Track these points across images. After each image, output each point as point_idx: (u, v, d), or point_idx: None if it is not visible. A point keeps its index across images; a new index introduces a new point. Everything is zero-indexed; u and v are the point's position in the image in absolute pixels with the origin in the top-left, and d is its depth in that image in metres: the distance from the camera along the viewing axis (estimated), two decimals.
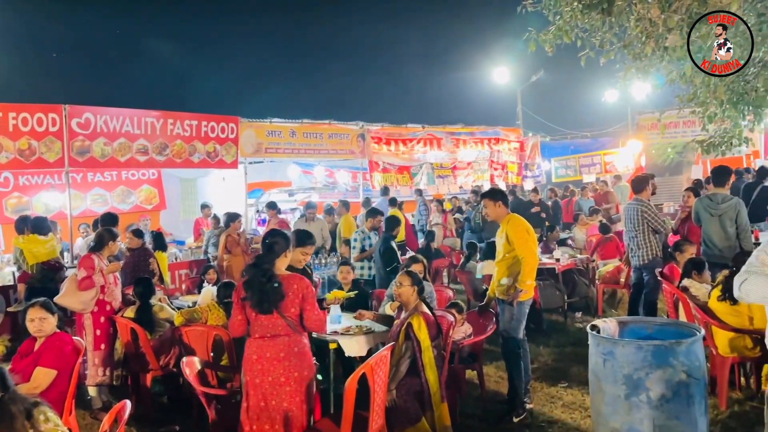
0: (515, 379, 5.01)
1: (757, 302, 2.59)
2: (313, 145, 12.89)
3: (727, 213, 6.27)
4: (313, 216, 10.29)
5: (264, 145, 12.08)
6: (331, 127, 13.32)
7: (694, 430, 3.36)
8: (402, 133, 14.79)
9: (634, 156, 16.38)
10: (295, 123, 12.69)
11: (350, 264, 6.65)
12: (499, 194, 5.23)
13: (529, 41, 6.57)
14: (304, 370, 3.73)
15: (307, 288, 3.73)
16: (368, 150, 13.75)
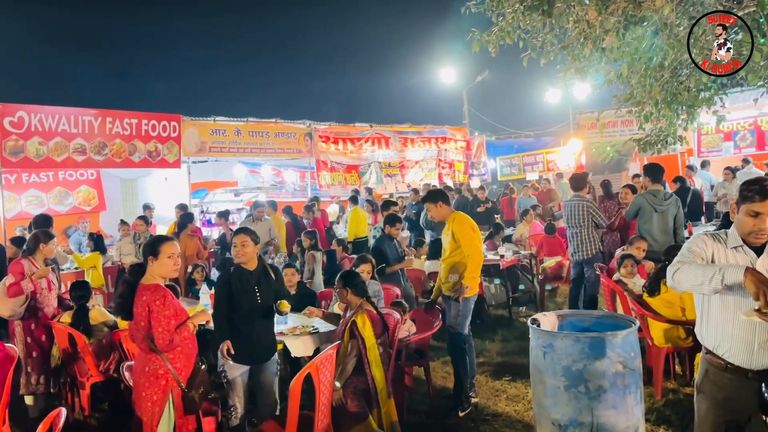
0: (461, 374, 5.07)
1: (688, 291, 2.69)
2: (259, 144, 12.72)
3: (670, 209, 6.53)
4: (261, 216, 10.16)
5: (208, 144, 11.85)
6: (278, 125, 13.18)
7: (630, 419, 3.47)
8: (350, 132, 14.78)
9: (575, 154, 16.86)
10: (240, 121, 12.49)
11: (294, 266, 6.55)
12: (438, 195, 5.28)
13: (473, 42, 6.65)
14: (154, 394, 3.42)
15: (154, 301, 3.41)
16: (316, 149, 13.68)
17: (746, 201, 2.59)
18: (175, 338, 3.45)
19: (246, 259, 4.19)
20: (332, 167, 14.12)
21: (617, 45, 5.75)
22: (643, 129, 8.26)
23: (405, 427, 4.56)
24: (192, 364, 3.59)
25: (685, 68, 6.83)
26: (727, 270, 2.45)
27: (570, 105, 17.32)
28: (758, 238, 2.60)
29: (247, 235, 4.22)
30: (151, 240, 3.75)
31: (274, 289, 4.28)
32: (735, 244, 2.67)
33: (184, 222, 8.79)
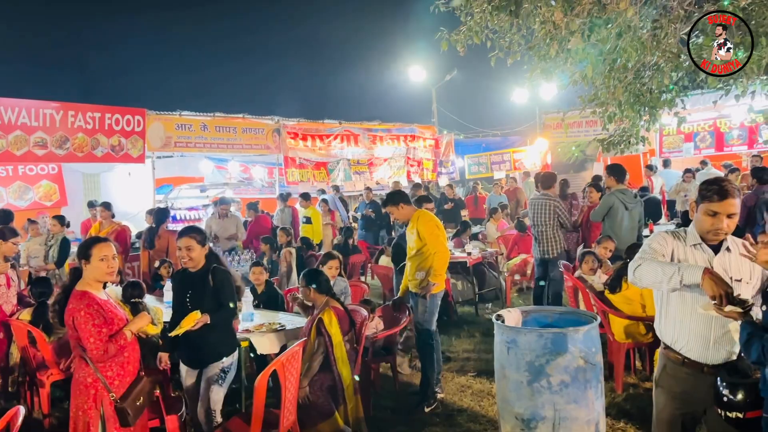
0: (427, 370, 5.11)
1: (648, 287, 2.76)
2: (226, 140, 12.58)
3: (637, 208, 6.69)
4: (227, 212, 10.04)
5: (173, 139, 11.66)
6: (245, 121, 13.05)
7: (591, 413, 3.55)
8: (319, 129, 14.72)
9: (541, 154, 17.11)
10: (206, 116, 12.32)
11: (263, 264, 6.46)
12: (397, 197, 5.30)
13: (442, 41, 6.69)
14: (84, 404, 3.25)
15: (78, 311, 3.19)
16: (284, 145, 13.59)
17: (705, 200, 2.67)
18: (110, 348, 3.21)
19: (193, 264, 3.93)
20: (301, 164, 14.04)
21: (582, 46, 5.86)
22: (607, 129, 8.42)
23: (371, 423, 4.58)
24: (130, 373, 3.40)
25: (648, 70, 6.99)
26: (686, 270, 2.52)
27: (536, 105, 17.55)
28: (716, 237, 2.69)
29: (192, 237, 3.89)
30: (83, 242, 3.50)
31: (210, 294, 3.87)
32: (694, 242, 2.75)
33: (162, 218, 8.61)
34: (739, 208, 2.68)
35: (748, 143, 13.73)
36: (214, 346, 3.92)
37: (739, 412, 2.45)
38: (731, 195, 2.62)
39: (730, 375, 2.51)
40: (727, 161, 13.28)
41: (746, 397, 2.43)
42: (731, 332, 2.65)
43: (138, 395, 3.35)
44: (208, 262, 3.97)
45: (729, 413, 2.49)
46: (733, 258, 2.71)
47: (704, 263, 2.69)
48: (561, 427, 3.47)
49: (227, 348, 3.98)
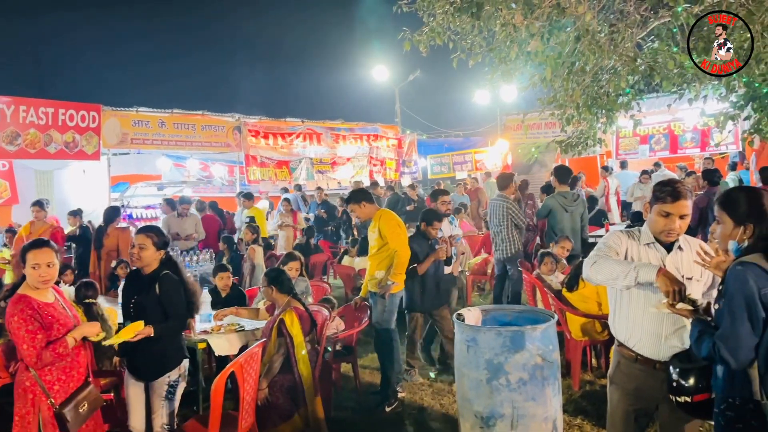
0: (387, 369, 5.11)
1: (603, 284, 2.82)
2: (184, 137, 12.34)
3: (577, 209, 6.81)
4: (186, 211, 9.84)
5: (130, 136, 11.40)
6: (205, 118, 12.83)
7: (549, 410, 3.60)
8: (281, 127, 14.58)
9: (502, 155, 17.34)
10: (164, 113, 12.08)
11: (227, 268, 6.28)
12: (360, 195, 5.32)
13: (404, 41, 6.71)
14: (22, 408, 3.15)
15: (12, 316, 3.08)
16: (245, 143, 13.41)
17: (658, 201, 2.74)
18: (45, 355, 3.09)
19: (141, 264, 3.67)
20: (262, 162, 13.88)
21: (541, 49, 5.94)
22: (565, 131, 8.58)
23: (332, 423, 4.55)
24: (74, 378, 3.28)
25: (605, 73, 7.15)
26: (641, 269, 2.59)
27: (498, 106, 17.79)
28: (669, 237, 2.76)
29: (148, 237, 3.64)
30: (23, 246, 3.32)
31: (155, 303, 3.61)
32: (647, 241, 2.82)
33: (112, 216, 8.37)
34: (691, 209, 2.76)
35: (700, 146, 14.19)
36: (159, 360, 3.62)
37: (687, 396, 2.52)
38: (684, 197, 2.69)
39: (681, 362, 2.58)
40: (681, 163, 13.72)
41: (696, 382, 2.50)
42: (681, 330, 2.73)
43: (81, 402, 3.23)
44: (161, 267, 3.70)
45: (678, 398, 2.56)
46: (685, 257, 2.79)
47: (657, 261, 2.76)
48: (519, 425, 3.51)
49: (173, 361, 3.68)
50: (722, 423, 2.34)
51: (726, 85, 7.88)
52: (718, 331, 2.29)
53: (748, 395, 2.26)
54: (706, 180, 8.56)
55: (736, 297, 2.22)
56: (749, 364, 2.23)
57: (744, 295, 2.20)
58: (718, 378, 2.38)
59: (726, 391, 2.33)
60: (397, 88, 21.83)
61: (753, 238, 2.33)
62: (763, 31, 5.21)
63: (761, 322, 2.19)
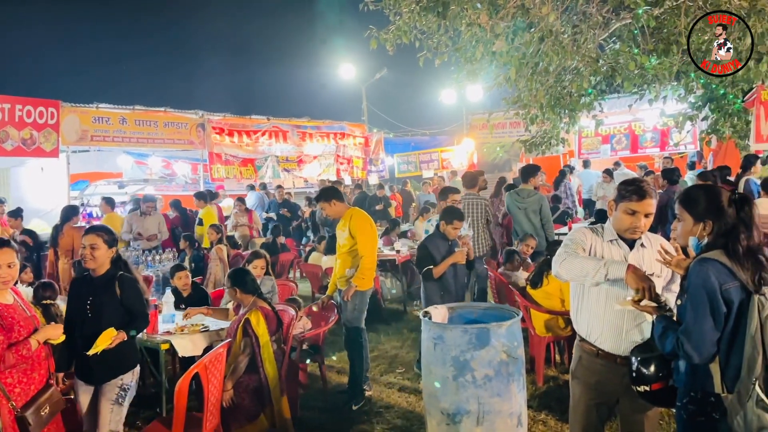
0: (356, 367, 5.11)
1: (572, 280, 2.87)
2: (146, 134, 12.07)
3: (531, 206, 6.91)
4: (150, 210, 9.63)
5: (90, 133, 11.11)
6: (167, 115, 12.57)
7: (514, 405, 3.64)
8: (246, 125, 14.40)
9: (468, 154, 17.48)
10: (125, 109, 11.80)
11: (184, 267, 6.17)
12: (330, 193, 5.27)
13: (371, 39, 6.70)
14: None
15: None
16: (209, 141, 13.20)
17: (624, 200, 2.79)
18: (8, 357, 3.01)
19: (95, 264, 3.53)
20: (227, 160, 13.68)
21: (506, 49, 6.01)
22: (529, 131, 8.71)
23: (299, 423, 4.53)
24: (35, 381, 3.20)
25: (568, 74, 7.27)
26: (611, 266, 2.64)
27: (464, 105, 17.93)
28: (633, 234, 2.83)
29: (98, 236, 3.53)
30: None
31: (116, 305, 3.53)
32: (610, 237, 2.88)
33: (69, 215, 8.14)
34: (655, 208, 2.83)
35: (660, 146, 14.54)
36: (113, 362, 3.49)
37: (646, 385, 2.59)
38: (649, 195, 2.76)
39: (641, 352, 2.64)
40: (642, 162, 14.05)
41: (656, 371, 2.56)
42: (641, 325, 2.80)
43: (43, 404, 3.15)
44: (113, 268, 3.59)
45: (639, 388, 2.62)
46: (647, 254, 2.86)
47: (620, 258, 2.83)
48: (485, 421, 3.55)
49: (127, 364, 3.57)
50: (684, 417, 2.40)
51: (685, 86, 8.11)
52: (681, 326, 2.34)
53: (709, 389, 2.31)
54: (665, 179, 8.78)
55: (698, 293, 2.28)
56: (711, 359, 2.29)
57: (706, 291, 2.26)
58: (680, 372, 2.43)
59: (688, 385, 2.39)
60: (363, 87, 21.84)
61: (712, 234, 2.39)
62: None
63: (723, 317, 2.25)
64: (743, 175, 8.28)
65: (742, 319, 2.23)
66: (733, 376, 2.23)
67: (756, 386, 2.15)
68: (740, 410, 2.19)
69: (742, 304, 2.24)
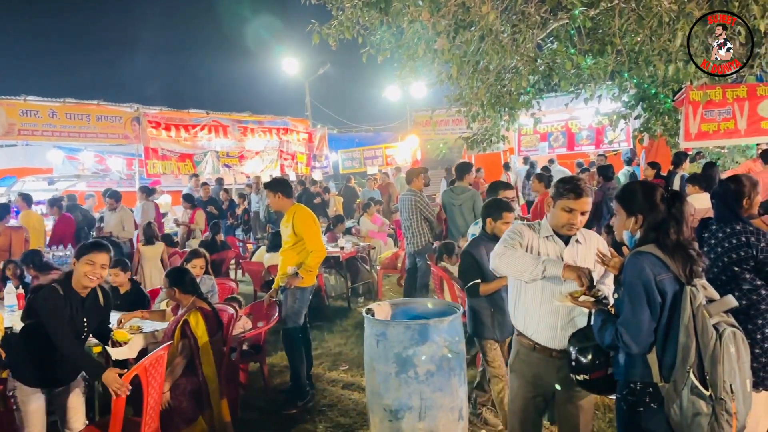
0: (297, 366, 5.04)
1: (509, 275, 2.93)
2: (78, 128, 11.55)
3: (465, 203, 7.03)
4: (115, 206, 9.24)
5: (17, 126, 10.56)
6: (100, 108, 12.07)
7: (455, 399, 3.68)
8: (184, 119, 14.00)
9: (412, 150, 17.60)
10: (56, 102, 11.27)
11: (123, 263, 5.91)
12: (279, 185, 5.19)
13: (313, 33, 6.62)
14: None
15: None
16: (145, 135, 12.75)
17: (562, 198, 2.86)
18: None
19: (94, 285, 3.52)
20: (164, 155, 13.25)
21: (447, 47, 6.05)
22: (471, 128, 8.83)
23: (240, 424, 4.45)
24: None
25: (508, 73, 7.40)
26: (548, 264, 2.72)
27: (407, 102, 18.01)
28: (569, 231, 2.90)
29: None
30: None
31: (103, 314, 3.73)
32: (547, 233, 2.95)
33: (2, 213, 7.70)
34: (591, 206, 2.91)
35: (595, 143, 15.02)
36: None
37: (585, 374, 2.65)
38: (586, 194, 2.84)
39: (579, 341, 2.71)
40: (579, 159, 14.49)
41: (593, 359, 2.63)
42: (575, 319, 2.88)
43: None
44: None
45: (578, 376, 2.69)
46: (581, 249, 2.94)
47: (556, 253, 2.90)
48: (427, 416, 3.57)
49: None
50: (624, 408, 2.47)
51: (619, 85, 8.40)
52: (619, 318, 2.41)
53: (647, 379, 2.39)
54: (600, 175, 9.09)
55: (634, 285, 2.36)
56: (649, 349, 2.37)
57: (642, 282, 2.33)
58: (620, 365, 2.50)
59: (627, 377, 2.46)
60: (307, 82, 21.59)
61: (643, 228, 2.48)
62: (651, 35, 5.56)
63: (658, 307, 2.33)
64: (676, 171, 8.67)
65: (675, 309, 2.31)
66: (669, 366, 2.31)
67: (690, 374, 2.23)
68: (676, 398, 2.27)
69: (676, 295, 2.32)
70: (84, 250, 3.45)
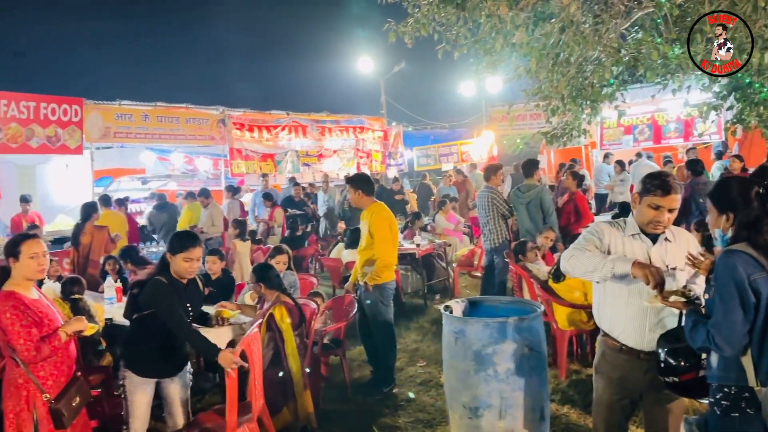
0: (388, 356, 5.17)
1: (580, 277, 2.86)
2: (168, 130, 12.19)
3: (533, 201, 6.86)
4: (206, 202, 9.85)
5: (113, 130, 11.25)
6: (189, 111, 12.68)
7: (536, 399, 3.63)
8: (266, 120, 14.47)
9: (488, 146, 17.38)
10: (148, 106, 11.93)
11: (221, 252, 6.26)
12: (359, 182, 5.26)
13: (389, 32, 6.68)
14: (16, 406, 3.15)
15: (1, 315, 3.07)
16: (230, 136, 13.28)
17: (649, 194, 2.75)
18: (44, 349, 3.11)
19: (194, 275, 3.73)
20: (247, 155, 13.76)
21: (526, 40, 5.95)
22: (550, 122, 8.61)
23: (321, 415, 4.57)
24: (64, 373, 3.28)
25: (590, 64, 7.17)
26: (617, 262, 2.63)
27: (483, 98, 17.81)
28: (656, 229, 2.79)
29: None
30: (11, 239, 3.33)
31: (202, 300, 3.97)
32: (633, 231, 2.85)
33: (89, 213, 8.25)
34: (680, 203, 2.78)
35: (684, 136, 14.31)
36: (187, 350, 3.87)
37: (675, 376, 2.56)
38: (674, 191, 2.71)
39: (668, 342, 2.61)
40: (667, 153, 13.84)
41: (684, 362, 2.53)
42: (665, 320, 2.77)
43: (74, 396, 3.23)
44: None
45: (667, 378, 2.59)
46: (671, 248, 2.82)
47: (642, 252, 2.80)
48: (507, 415, 3.54)
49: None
50: (718, 413, 2.36)
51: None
52: (711, 319, 2.31)
53: (743, 383, 2.28)
54: (689, 170, 8.65)
55: (726, 285, 2.25)
56: (743, 351, 2.26)
57: (734, 282, 2.23)
58: (712, 368, 2.39)
59: (721, 381, 2.35)
60: (382, 80, 21.75)
61: (735, 226, 2.36)
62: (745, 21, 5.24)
63: (752, 308, 2.22)
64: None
65: None
66: (767, 369, 2.20)
67: None
68: None
69: None
70: (179, 246, 3.54)
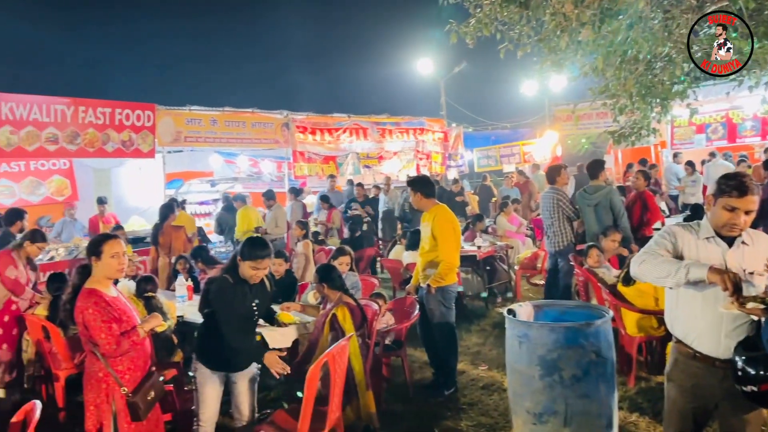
0: (450, 359, 5.18)
1: (650, 282, 2.76)
2: (235, 134, 12.60)
3: (601, 202, 6.64)
4: (271, 204, 10.15)
5: (183, 134, 11.71)
6: (254, 115, 13.06)
7: (604, 406, 3.54)
8: (327, 123, 14.70)
9: (551, 146, 17.02)
10: (216, 111, 12.35)
11: (285, 254, 6.46)
12: (419, 184, 5.25)
13: (451, 33, 6.66)
14: (96, 398, 3.30)
15: (84, 311, 3.22)
16: (293, 139, 13.58)
17: (724, 195, 2.64)
18: (123, 343, 3.25)
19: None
20: (309, 158, 14.03)
21: (593, 38, 5.81)
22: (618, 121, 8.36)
23: (383, 416, 4.59)
24: (141, 368, 3.41)
25: (659, 61, 6.93)
26: (691, 267, 2.52)
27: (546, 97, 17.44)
28: (731, 231, 2.67)
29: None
30: (93, 239, 3.50)
31: (270, 298, 4.03)
32: (707, 234, 2.73)
33: (166, 213, 8.63)
34: (758, 205, 2.65)
35: (761, 134, 13.58)
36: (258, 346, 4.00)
37: (753, 385, 2.44)
38: (751, 192, 2.59)
39: (746, 350, 2.50)
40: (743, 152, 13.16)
41: (763, 371, 2.41)
42: (742, 327, 2.64)
43: (149, 389, 3.38)
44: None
45: (744, 387, 2.48)
46: (748, 251, 2.69)
47: (717, 256, 2.68)
48: (573, 422, 3.47)
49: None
50: None
51: None
52: None
53: None
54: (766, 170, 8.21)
55: None
56: None
57: None
58: None
59: None
60: (442, 81, 21.65)
61: None
62: None
63: None
64: None
65: None
66: None
67: None
68: None
69: None
70: (249, 254, 3.58)
